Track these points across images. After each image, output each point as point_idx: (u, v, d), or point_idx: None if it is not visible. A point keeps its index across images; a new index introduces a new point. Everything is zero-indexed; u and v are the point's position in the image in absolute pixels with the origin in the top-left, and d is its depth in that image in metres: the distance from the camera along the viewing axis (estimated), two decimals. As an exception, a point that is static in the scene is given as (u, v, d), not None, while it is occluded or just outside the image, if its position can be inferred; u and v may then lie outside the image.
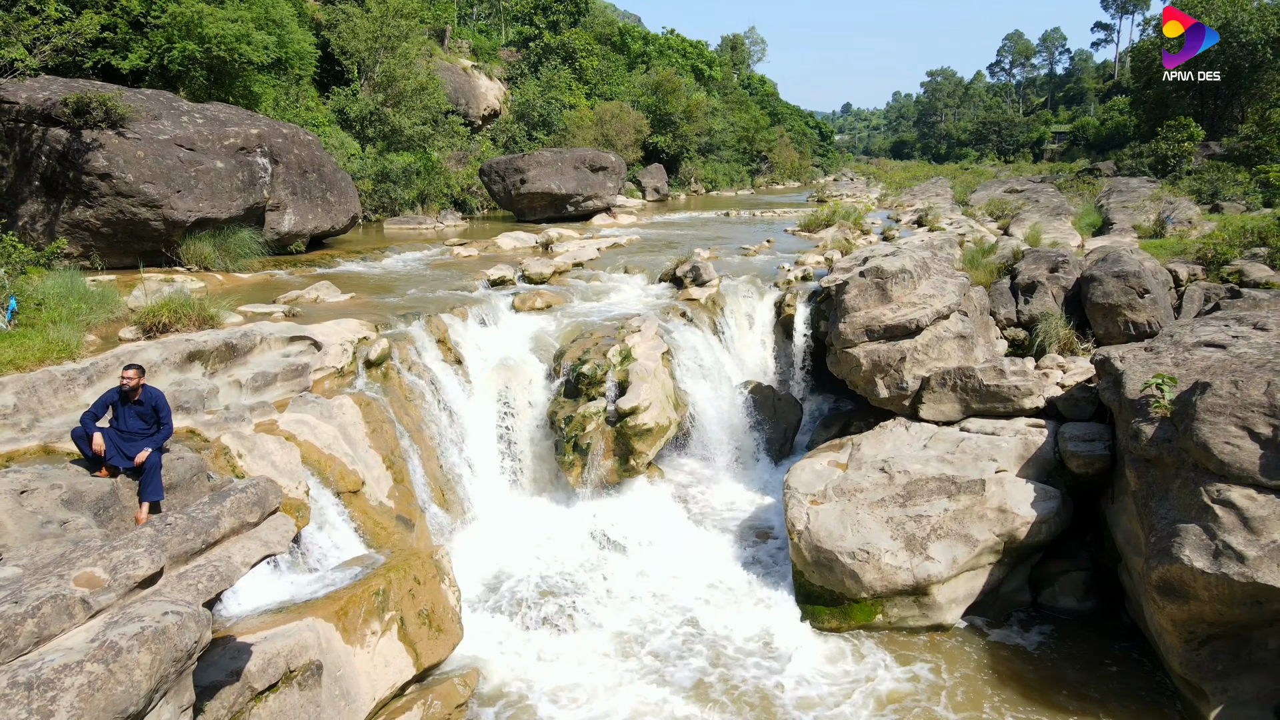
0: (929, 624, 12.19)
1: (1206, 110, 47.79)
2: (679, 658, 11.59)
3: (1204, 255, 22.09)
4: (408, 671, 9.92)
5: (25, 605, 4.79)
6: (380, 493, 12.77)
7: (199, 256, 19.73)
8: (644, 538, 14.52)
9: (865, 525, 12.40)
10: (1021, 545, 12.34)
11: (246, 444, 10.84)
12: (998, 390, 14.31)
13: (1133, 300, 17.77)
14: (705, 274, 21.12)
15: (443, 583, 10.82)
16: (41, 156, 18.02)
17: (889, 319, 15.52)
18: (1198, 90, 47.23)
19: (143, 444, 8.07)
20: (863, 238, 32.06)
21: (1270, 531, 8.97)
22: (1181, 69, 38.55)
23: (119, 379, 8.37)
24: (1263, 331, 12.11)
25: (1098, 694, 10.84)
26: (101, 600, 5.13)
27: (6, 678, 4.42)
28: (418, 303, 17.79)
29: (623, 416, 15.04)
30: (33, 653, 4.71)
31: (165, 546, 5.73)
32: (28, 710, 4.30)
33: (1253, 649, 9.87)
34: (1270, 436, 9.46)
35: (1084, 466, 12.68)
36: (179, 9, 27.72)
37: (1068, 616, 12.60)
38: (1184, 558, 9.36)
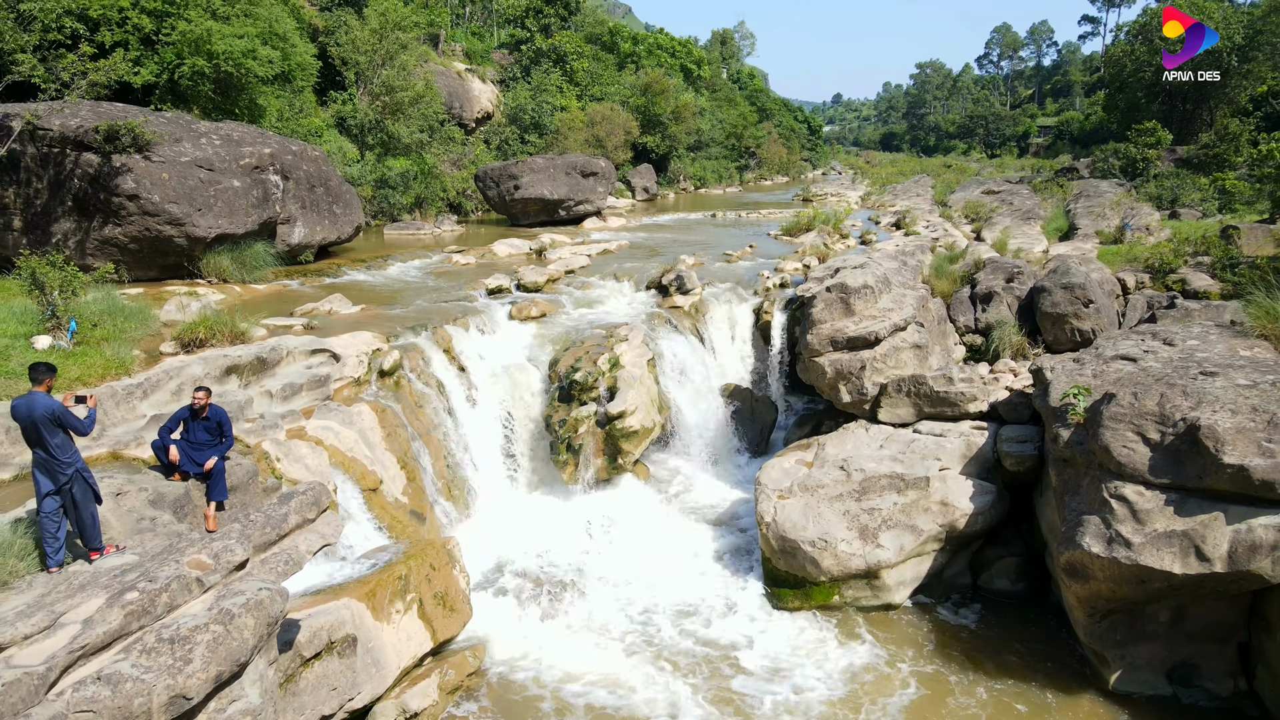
0: (880, 603, 13.91)
1: (1175, 114, 49.56)
2: (660, 633, 13.27)
3: (1151, 264, 23.82)
4: (426, 645, 11.57)
5: (159, 582, 6.40)
6: (396, 490, 14.40)
7: (218, 269, 21.25)
8: (631, 529, 16.20)
9: (825, 517, 14.10)
10: (961, 534, 14.06)
11: (283, 449, 12.45)
12: (946, 396, 16.00)
13: (1078, 310, 19.41)
14: (689, 283, 22.72)
15: (454, 569, 12.47)
16: (74, 179, 19.49)
17: (851, 331, 17.19)
18: (1166, 95, 48.99)
19: (209, 453, 9.65)
20: (841, 242, 33.72)
21: (1153, 522, 10.68)
22: (1181, 69, 39.62)
23: (191, 399, 9.92)
24: (1169, 346, 13.81)
25: (1022, 660, 12.58)
26: (211, 580, 6.75)
27: (154, 634, 6.03)
28: (423, 314, 19.34)
29: (611, 420, 16.69)
30: (167, 617, 6.32)
31: (250, 539, 7.35)
32: (173, 658, 5.91)
33: (1146, 622, 11.63)
34: (1159, 441, 11.17)
35: (1016, 465, 14.41)
36: (189, 27, 29.07)
37: (1002, 597, 14.33)
38: (1085, 544, 11.08)
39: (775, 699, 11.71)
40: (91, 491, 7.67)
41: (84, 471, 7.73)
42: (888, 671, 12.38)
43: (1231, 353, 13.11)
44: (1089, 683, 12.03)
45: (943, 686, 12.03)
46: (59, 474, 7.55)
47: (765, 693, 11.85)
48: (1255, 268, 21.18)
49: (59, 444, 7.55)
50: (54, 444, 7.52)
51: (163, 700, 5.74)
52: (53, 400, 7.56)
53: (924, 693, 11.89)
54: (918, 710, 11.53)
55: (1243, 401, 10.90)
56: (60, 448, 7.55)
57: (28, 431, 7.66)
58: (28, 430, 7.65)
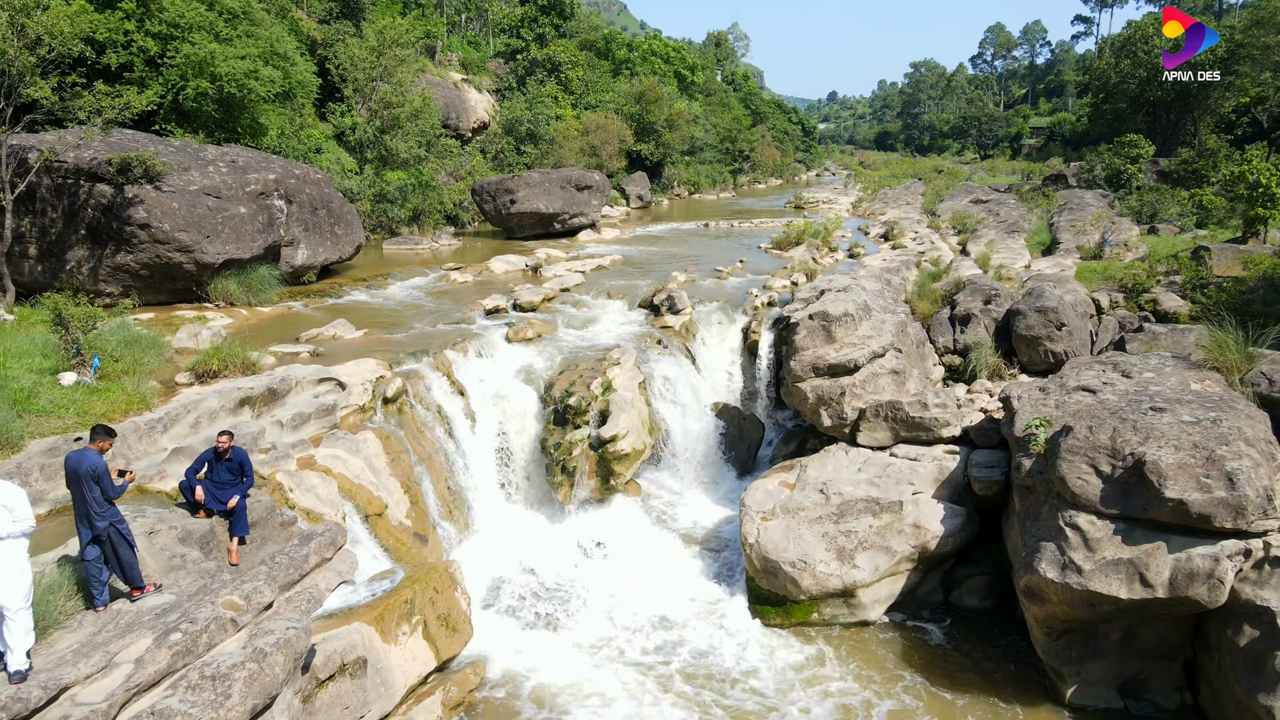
0: (856, 620, 14.80)
1: (1159, 126, 50.52)
2: (650, 647, 14.15)
3: (1125, 284, 24.70)
4: (430, 664, 12.41)
5: (199, 624, 7.24)
6: (400, 514, 15.23)
7: (225, 293, 22.06)
8: (623, 547, 17.07)
9: (804, 539, 14.98)
10: (933, 555, 14.95)
11: (295, 479, 13.27)
12: (921, 421, 16.88)
13: (1051, 333, 20.33)
14: (679, 303, 23.57)
15: (456, 591, 13.31)
16: (88, 209, 20.28)
17: (832, 358, 18.07)
18: (1150, 107, 49.94)
19: (232, 492, 10.46)
20: (830, 255, 34.64)
21: (1103, 550, 11.57)
22: (1181, 69, 39.97)
23: (215, 442, 10.75)
24: (1126, 378, 14.70)
25: (988, 674, 13.50)
26: (243, 620, 7.59)
27: (197, 672, 6.88)
28: (423, 338, 20.15)
29: (604, 443, 17.55)
30: (207, 655, 7.16)
31: (276, 580, 8.19)
32: (214, 693, 6.76)
33: (1099, 640, 12.52)
34: (1110, 474, 12.06)
35: (984, 489, 15.30)
36: (192, 50, 29.82)
37: (972, 613, 15.23)
38: (1041, 569, 11.97)
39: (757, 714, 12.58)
40: (125, 541, 8.50)
41: (118, 524, 8.55)
42: (861, 686, 13.26)
43: (1183, 386, 14.00)
44: (1048, 695, 12.93)
45: (915, 699, 12.91)
46: (96, 523, 8.38)
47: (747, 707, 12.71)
48: (1221, 289, 22.13)
49: (95, 499, 8.38)
50: (91, 498, 8.35)
51: (206, 732, 6.58)
52: (101, 461, 8.39)
53: (895, 705, 12.77)
54: (888, 723, 12.42)
55: (1185, 438, 11.79)
56: (96, 502, 8.38)
57: (71, 481, 8.49)
58: (71, 480, 8.48)
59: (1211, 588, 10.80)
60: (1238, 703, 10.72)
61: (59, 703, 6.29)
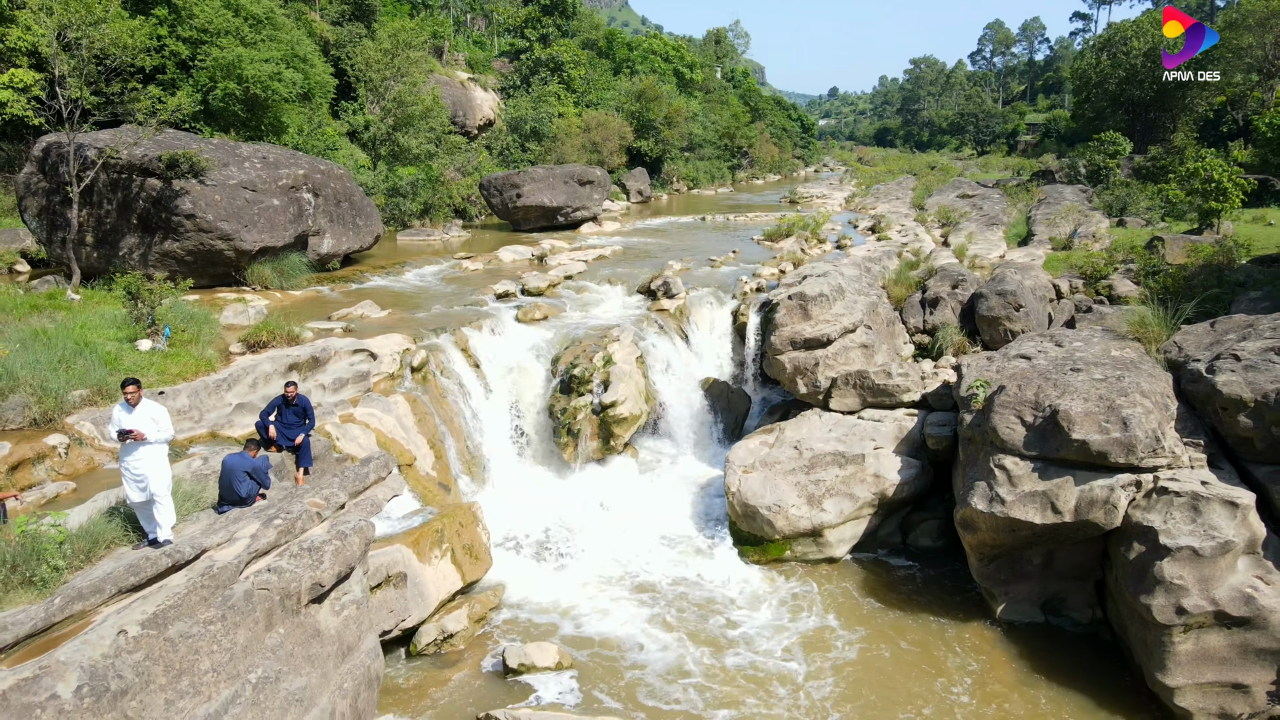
0: (824, 557, 17.02)
1: (1138, 123, 52.63)
2: (646, 580, 16.36)
3: (1086, 271, 26.89)
4: (458, 584, 14.65)
5: (294, 514, 9.44)
6: (426, 466, 17.46)
7: (260, 278, 24.28)
8: (622, 499, 19.29)
9: (779, 487, 17.20)
10: (891, 501, 17.17)
11: (340, 430, 15.51)
12: (885, 388, 19.08)
13: (1010, 313, 22.46)
14: (674, 288, 25.78)
15: (478, 527, 15.55)
16: (139, 201, 22.50)
17: (808, 333, 20.26)
18: (1128, 107, 52.05)
19: (298, 431, 12.67)
20: (819, 246, 36.79)
21: (1023, 485, 13.78)
22: (1182, 69, 41.49)
23: (283, 390, 12.98)
24: (1059, 348, 16.88)
25: (935, 599, 15.71)
26: (325, 514, 9.79)
27: (297, 545, 9.09)
28: (442, 317, 22.36)
29: (605, 408, 19.77)
30: (301, 536, 9.36)
31: (346, 488, 10.40)
32: (311, 560, 8.97)
33: (1023, 564, 14.74)
34: (1032, 422, 14.27)
35: (937, 444, 17.51)
36: (221, 54, 32.06)
37: (926, 552, 17.45)
38: (973, 502, 14.19)
39: (735, 629, 14.81)
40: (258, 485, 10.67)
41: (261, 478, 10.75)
42: (825, 608, 15.49)
43: (1105, 353, 16.19)
44: (984, 613, 15.15)
45: (872, 621, 15.14)
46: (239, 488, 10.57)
47: (727, 623, 14.95)
48: (1168, 275, 24.30)
49: (248, 488, 10.52)
50: (244, 489, 10.47)
51: (307, 585, 8.75)
52: (254, 461, 10.52)
53: (854, 622, 15.00)
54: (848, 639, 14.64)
55: (1093, 392, 14.00)
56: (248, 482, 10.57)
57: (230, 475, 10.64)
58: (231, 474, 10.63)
59: (1107, 512, 13.01)
60: (1128, 606, 12.93)
61: (201, 560, 8.46)
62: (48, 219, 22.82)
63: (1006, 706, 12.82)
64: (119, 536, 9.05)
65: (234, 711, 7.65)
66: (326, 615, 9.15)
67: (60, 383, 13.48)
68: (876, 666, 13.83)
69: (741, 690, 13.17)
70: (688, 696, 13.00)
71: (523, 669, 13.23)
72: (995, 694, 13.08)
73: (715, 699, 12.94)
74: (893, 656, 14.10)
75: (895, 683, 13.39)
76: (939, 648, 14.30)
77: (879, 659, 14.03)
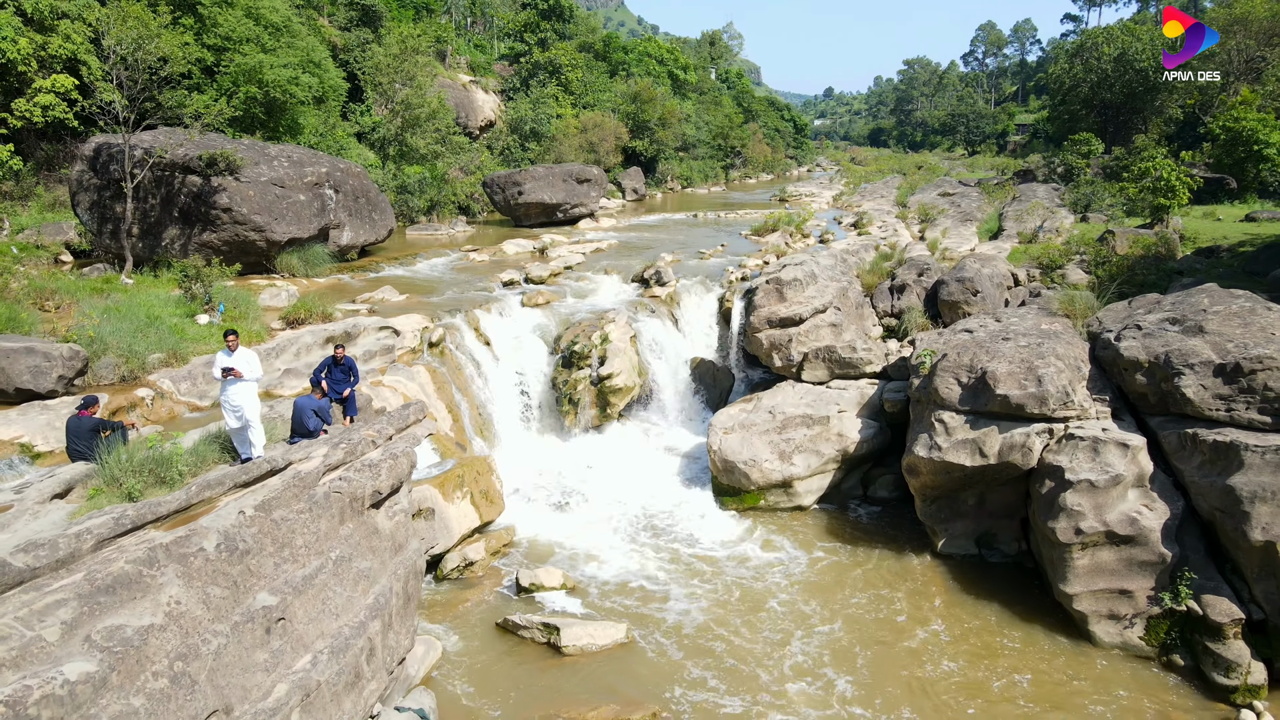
0: (793, 506, 19.49)
1: (1109, 125, 55.19)
2: (638, 524, 18.81)
3: (1043, 262, 29.40)
4: (475, 521, 17.09)
5: (355, 441, 11.88)
6: (445, 427, 19.89)
7: (288, 266, 26.68)
8: (618, 461, 21.75)
9: (755, 445, 19.66)
10: (852, 457, 19.64)
11: (373, 391, 17.92)
12: (850, 360, 21.56)
13: (968, 298, 24.89)
14: (666, 277, 28.24)
15: (493, 476, 18.00)
16: (181, 196, 24.89)
17: (783, 313, 22.73)
18: (1100, 109, 54.65)
19: (345, 385, 15.08)
20: (803, 240, 39.32)
21: (956, 434, 16.26)
22: (1181, 69, 43.32)
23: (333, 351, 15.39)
24: (996, 322, 19.37)
25: (888, 539, 18.18)
26: (378, 442, 12.23)
27: (359, 463, 11.54)
28: (454, 302, 24.79)
29: (602, 379, 22.22)
30: (362, 457, 11.80)
31: (393, 425, 12.84)
32: (372, 473, 11.40)
33: (960, 505, 17.23)
34: (966, 383, 16.74)
35: (893, 407, 19.99)
36: (243, 60, 34.43)
37: (883, 502, 19.93)
38: (916, 450, 16.67)
39: (711, 565, 17.28)
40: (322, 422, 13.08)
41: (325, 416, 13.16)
42: (793, 546, 17.96)
43: (1035, 326, 18.68)
44: (928, 548, 17.63)
45: (828, 553, 17.61)
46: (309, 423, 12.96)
47: (705, 559, 17.42)
48: (1113, 264, 26.80)
49: (315, 423, 12.90)
50: (312, 424, 12.85)
51: (369, 491, 11.17)
52: (319, 402, 12.92)
53: (812, 554, 17.48)
54: (803, 563, 17.12)
55: (1017, 355, 16.49)
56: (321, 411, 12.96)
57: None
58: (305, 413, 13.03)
59: (1024, 454, 15.49)
60: (1041, 533, 15.42)
61: (289, 469, 10.88)
62: (98, 212, 25.19)
63: (933, 613, 15.31)
64: (219, 457, 11.47)
65: (321, 578, 10.08)
66: (383, 518, 11.59)
67: (142, 347, 15.90)
68: (823, 584, 16.35)
69: (709, 593, 15.65)
70: (667, 605, 15.49)
71: (534, 588, 15.71)
72: (927, 604, 15.59)
73: (686, 596, 15.43)
74: (840, 577, 16.60)
75: (839, 595, 15.89)
76: (883, 572, 16.81)
77: (826, 578, 16.56)
